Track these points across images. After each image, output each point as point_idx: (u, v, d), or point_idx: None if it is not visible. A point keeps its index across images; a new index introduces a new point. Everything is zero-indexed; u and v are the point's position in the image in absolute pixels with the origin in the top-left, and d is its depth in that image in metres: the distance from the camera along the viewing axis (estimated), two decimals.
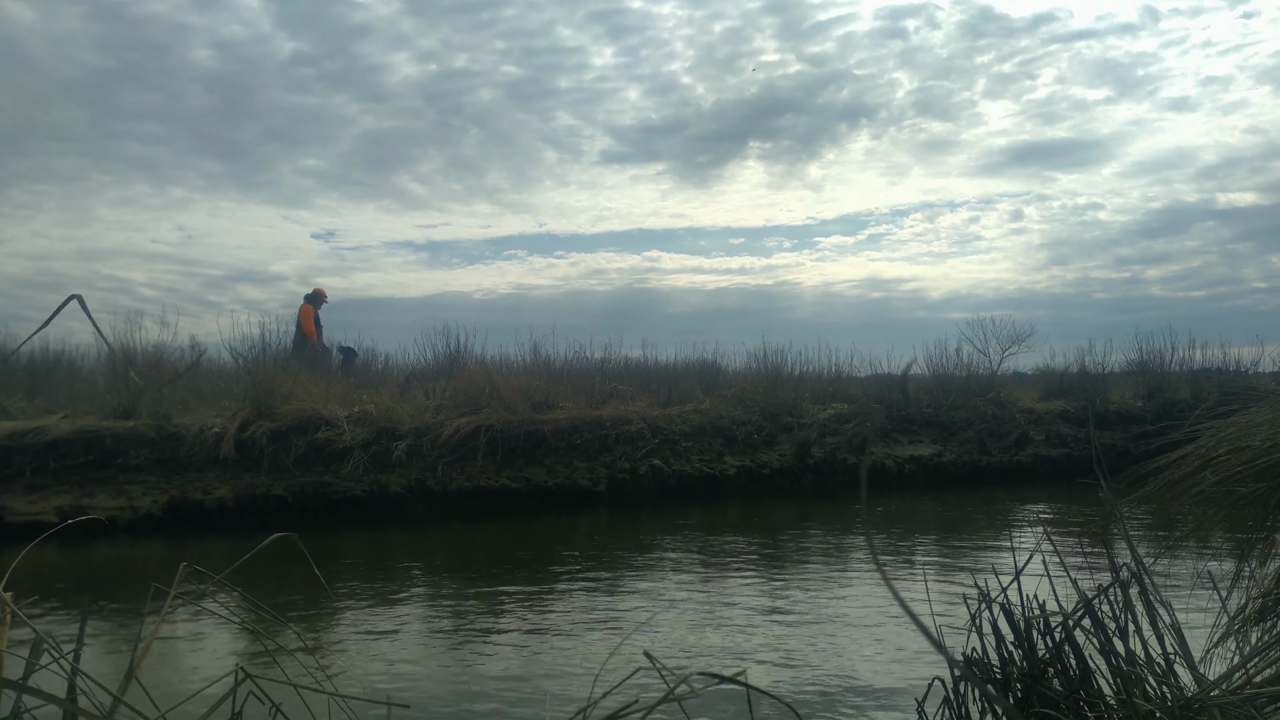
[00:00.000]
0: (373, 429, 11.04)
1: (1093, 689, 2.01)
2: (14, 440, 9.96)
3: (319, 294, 15.48)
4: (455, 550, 8.91)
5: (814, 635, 5.27)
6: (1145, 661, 1.97)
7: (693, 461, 12.16)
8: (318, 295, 15.43)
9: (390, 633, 5.53)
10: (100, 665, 4.21)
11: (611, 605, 6.16)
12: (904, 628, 5.32)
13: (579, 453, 11.76)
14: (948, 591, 6.06)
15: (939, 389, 14.83)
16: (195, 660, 4.90)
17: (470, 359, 14.35)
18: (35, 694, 1.15)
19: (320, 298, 15.46)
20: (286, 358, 13.16)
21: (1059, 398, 15.43)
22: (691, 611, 5.89)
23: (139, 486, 9.89)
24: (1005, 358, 16.68)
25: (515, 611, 6.03)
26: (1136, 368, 16.00)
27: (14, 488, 9.51)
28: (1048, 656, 2.07)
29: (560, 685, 4.46)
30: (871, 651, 4.92)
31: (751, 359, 15.61)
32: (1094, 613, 2.00)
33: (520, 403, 11.93)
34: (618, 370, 15.17)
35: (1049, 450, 13.78)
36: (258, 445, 10.60)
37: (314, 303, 15.32)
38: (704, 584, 6.78)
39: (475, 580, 7.25)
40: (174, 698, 1.57)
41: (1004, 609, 2.14)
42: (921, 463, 13.20)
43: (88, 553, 8.45)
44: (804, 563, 7.62)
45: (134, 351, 11.65)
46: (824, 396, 14.97)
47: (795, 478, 12.46)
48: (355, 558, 8.25)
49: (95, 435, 10.28)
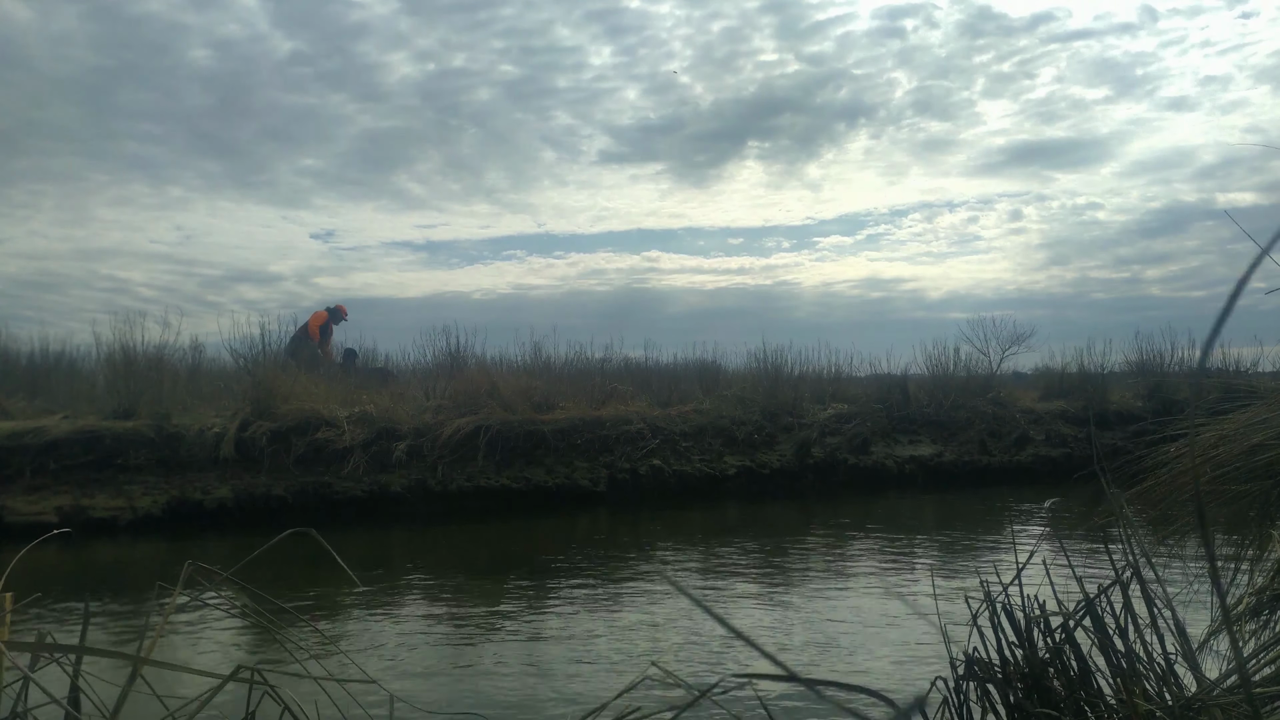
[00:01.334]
0: (373, 429, 11.04)
1: (1093, 689, 2.01)
2: (14, 440, 9.96)
3: (340, 310, 15.61)
4: (455, 551, 8.91)
5: (814, 635, 5.27)
6: (1145, 661, 1.97)
7: (693, 461, 12.16)
8: (338, 311, 15.58)
9: (390, 633, 5.53)
10: (101, 665, 4.22)
11: (612, 606, 6.16)
12: (904, 627, 5.32)
13: (579, 453, 11.76)
14: (948, 591, 6.07)
15: (939, 389, 14.83)
16: (198, 660, 4.90)
17: (470, 359, 14.37)
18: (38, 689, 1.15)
19: (340, 314, 15.58)
20: (282, 354, 13.20)
21: (1059, 398, 15.44)
22: (691, 612, 5.89)
23: (139, 487, 9.89)
24: (1005, 358, 16.71)
25: (515, 612, 6.04)
26: (1136, 368, 16.01)
27: (14, 488, 9.51)
28: (1048, 656, 2.07)
29: (561, 686, 4.47)
30: (871, 651, 4.92)
31: (751, 359, 15.62)
32: (1094, 612, 2.00)
33: (520, 403, 11.93)
34: (618, 370, 15.17)
35: (1049, 450, 13.78)
36: (258, 445, 10.60)
37: (333, 315, 15.43)
38: (704, 584, 6.79)
39: (475, 581, 7.25)
40: (176, 698, 1.57)
41: (1004, 608, 2.15)
42: (921, 463, 13.20)
43: (88, 553, 8.45)
44: (804, 563, 7.62)
45: (134, 351, 11.64)
46: (824, 396, 14.97)
47: (795, 478, 12.46)
48: (355, 558, 8.25)
49: (95, 435, 10.28)
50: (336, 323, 15.58)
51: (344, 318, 15.66)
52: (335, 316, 15.51)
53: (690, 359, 16.28)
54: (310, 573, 7.08)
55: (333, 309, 15.54)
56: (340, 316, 15.59)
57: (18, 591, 1.57)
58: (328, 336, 15.42)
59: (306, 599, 6.40)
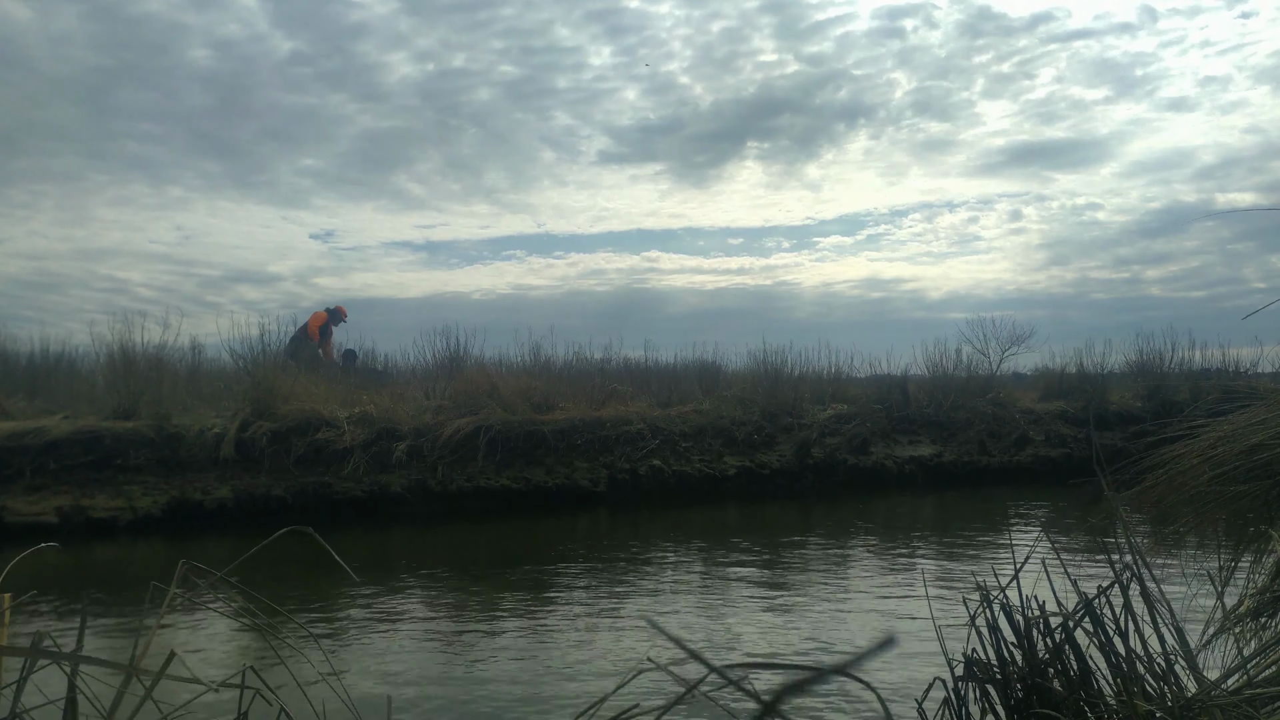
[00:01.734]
0: (373, 429, 11.04)
1: (1093, 689, 2.01)
2: (14, 440, 9.95)
3: (339, 311, 15.65)
4: (455, 551, 8.91)
5: (813, 635, 5.27)
6: (1145, 661, 1.97)
7: (693, 462, 12.16)
8: (338, 312, 15.63)
9: (391, 633, 5.53)
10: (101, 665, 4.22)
11: (612, 606, 6.16)
12: (903, 627, 5.32)
13: (579, 453, 11.76)
14: (948, 591, 6.07)
15: (939, 389, 14.83)
16: (196, 660, 4.89)
17: (470, 360, 14.37)
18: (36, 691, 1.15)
19: (340, 315, 15.61)
20: (282, 355, 13.21)
21: (1059, 398, 15.44)
22: (691, 612, 5.89)
23: (139, 487, 9.89)
24: (1005, 358, 16.70)
25: (515, 612, 6.03)
26: (1136, 368, 16.01)
27: (14, 488, 9.51)
28: (1048, 656, 2.07)
29: (561, 685, 4.46)
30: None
31: (751, 359, 15.62)
32: (1094, 612, 2.00)
33: (520, 403, 11.93)
34: (618, 371, 15.17)
35: (1049, 450, 13.78)
36: (258, 446, 10.60)
37: (332, 316, 15.48)
38: (704, 584, 6.79)
39: (475, 580, 7.25)
40: (168, 704, 1.57)
41: (1004, 609, 2.14)
42: (921, 463, 13.20)
43: (88, 553, 8.45)
44: (804, 563, 7.62)
45: (134, 352, 11.64)
46: (824, 397, 14.97)
47: (795, 478, 12.45)
48: (355, 558, 8.25)
49: (95, 435, 10.28)
50: (336, 324, 15.62)
51: (343, 319, 15.69)
52: (335, 318, 15.55)
53: (690, 359, 16.30)
54: (309, 573, 7.08)
55: (332, 310, 15.57)
56: (340, 318, 15.63)
57: (17, 592, 1.56)
58: (327, 337, 15.45)
59: (305, 599, 6.39)
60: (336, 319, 15.57)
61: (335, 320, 15.55)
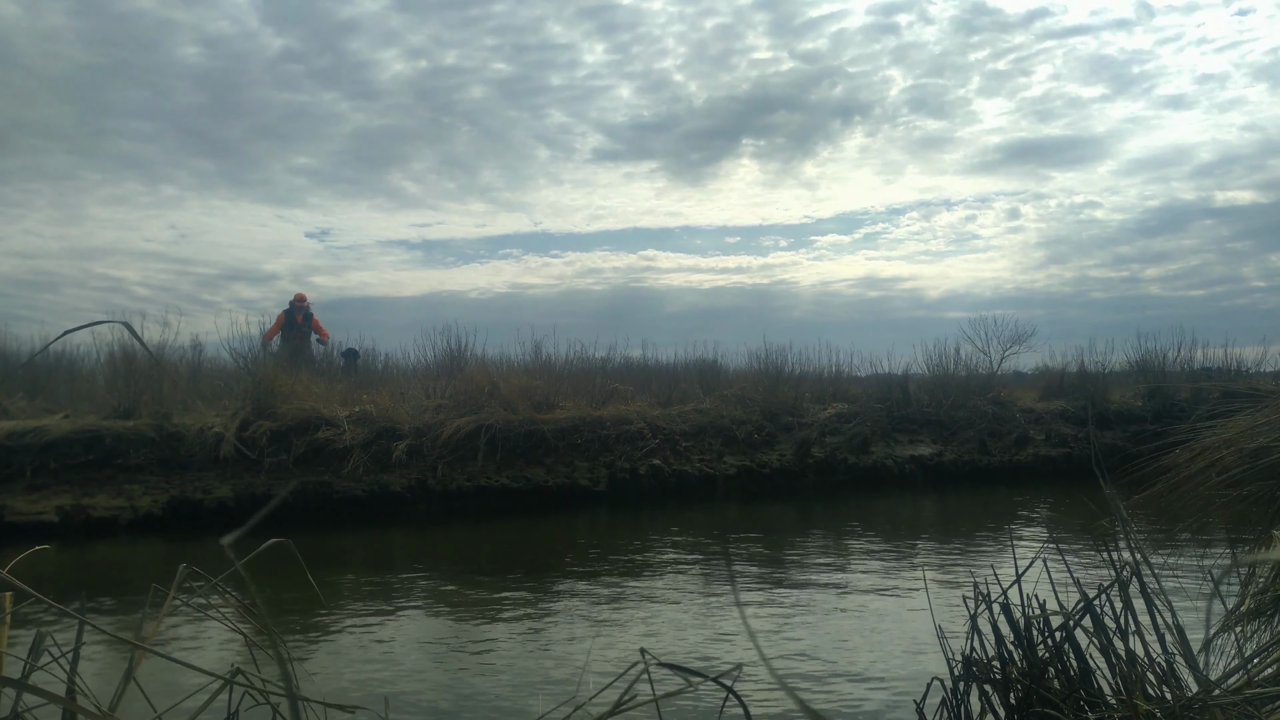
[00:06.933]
0: (373, 429, 11.04)
1: (1093, 689, 2.01)
2: (14, 440, 9.96)
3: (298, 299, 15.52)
4: (455, 550, 8.91)
5: (813, 634, 5.27)
6: (1145, 661, 1.96)
7: (693, 461, 12.16)
8: (295, 302, 15.48)
9: (390, 632, 5.53)
10: (100, 665, 4.21)
11: (611, 605, 6.15)
12: (903, 627, 5.32)
13: (579, 452, 11.76)
14: (948, 591, 6.06)
15: (939, 389, 14.82)
16: (197, 660, 4.89)
17: (470, 359, 14.36)
18: (35, 691, 1.15)
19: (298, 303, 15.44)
20: (281, 351, 13.22)
21: (1059, 397, 15.42)
22: (691, 611, 5.89)
23: (139, 486, 9.90)
24: (1005, 357, 16.70)
25: (515, 611, 6.03)
26: (1137, 367, 15.99)
27: (14, 488, 9.51)
28: (1048, 656, 2.07)
29: (560, 685, 4.46)
30: (870, 651, 4.91)
31: (751, 359, 15.62)
32: (1094, 613, 2.00)
33: (520, 402, 11.93)
34: (618, 370, 15.17)
35: (1049, 450, 13.77)
36: (258, 445, 10.60)
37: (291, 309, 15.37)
38: (704, 584, 6.78)
39: (475, 580, 7.25)
40: (173, 697, 1.57)
41: (1004, 609, 2.14)
42: (921, 462, 13.20)
43: (88, 553, 8.45)
44: (803, 562, 7.62)
45: (134, 351, 11.64)
46: (824, 396, 14.97)
47: (795, 477, 12.45)
48: (355, 558, 8.25)
49: (95, 435, 10.28)
50: (298, 314, 15.40)
51: (302, 305, 15.47)
52: (293, 309, 15.39)
53: (690, 359, 16.30)
54: (308, 572, 7.07)
55: (290, 303, 15.47)
56: (298, 306, 15.44)
57: (17, 591, 1.56)
58: (295, 328, 15.28)
59: (304, 598, 6.39)
60: (296, 309, 15.40)
61: (295, 310, 15.39)
